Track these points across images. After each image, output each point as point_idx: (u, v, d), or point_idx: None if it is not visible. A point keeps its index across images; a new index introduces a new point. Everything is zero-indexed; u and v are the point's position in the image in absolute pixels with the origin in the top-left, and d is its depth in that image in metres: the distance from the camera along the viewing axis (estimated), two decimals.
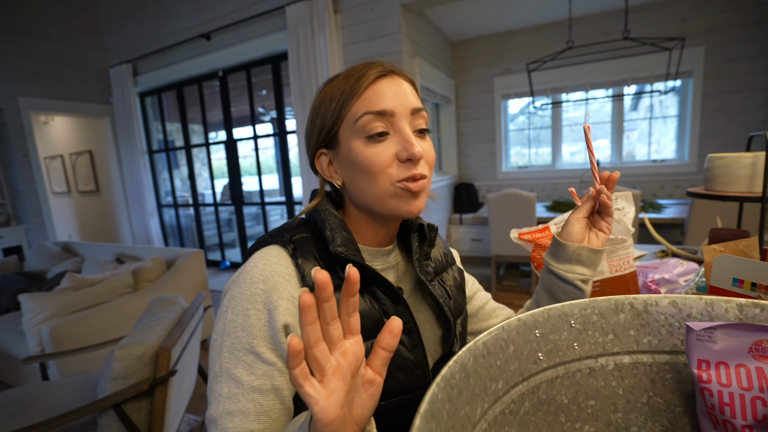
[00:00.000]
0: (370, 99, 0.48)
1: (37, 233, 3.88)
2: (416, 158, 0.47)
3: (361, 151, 0.48)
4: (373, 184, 0.49)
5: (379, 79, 0.49)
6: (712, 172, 0.84)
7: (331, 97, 0.50)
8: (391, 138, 0.48)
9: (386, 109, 0.47)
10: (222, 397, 0.43)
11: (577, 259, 0.56)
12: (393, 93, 0.48)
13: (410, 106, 0.49)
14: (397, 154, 0.48)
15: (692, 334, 0.35)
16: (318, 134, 0.52)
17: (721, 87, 3.08)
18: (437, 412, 0.25)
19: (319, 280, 0.28)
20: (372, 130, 0.47)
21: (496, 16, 3.41)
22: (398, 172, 0.48)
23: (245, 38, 3.26)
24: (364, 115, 0.47)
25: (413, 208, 0.50)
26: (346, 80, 0.49)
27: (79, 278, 2.10)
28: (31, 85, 3.74)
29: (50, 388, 1.37)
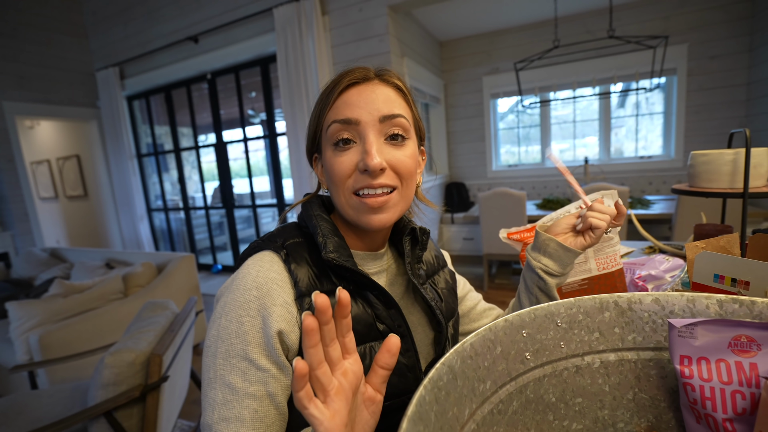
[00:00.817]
0: (338, 108, 0.48)
1: (24, 239, 3.81)
2: (371, 168, 0.46)
3: (329, 159, 0.49)
4: (336, 193, 0.50)
5: (351, 87, 0.49)
6: (695, 168, 0.85)
7: (315, 105, 0.52)
8: (356, 147, 0.49)
9: (350, 117, 0.47)
10: (217, 404, 0.43)
11: (544, 250, 0.58)
12: (363, 101, 0.48)
13: (379, 114, 0.48)
14: (357, 164, 0.48)
15: (674, 331, 0.36)
16: (310, 140, 0.54)
17: (704, 83, 3.14)
18: (425, 414, 0.25)
19: (319, 305, 0.28)
20: (337, 137, 0.48)
21: (483, 16, 3.43)
22: (356, 182, 0.48)
23: (233, 40, 3.24)
24: (332, 123, 0.48)
25: (373, 222, 0.49)
26: (324, 90, 0.51)
27: (67, 284, 2.07)
28: (15, 89, 3.66)
29: (39, 397, 1.34)
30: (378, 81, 0.50)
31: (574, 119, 3.84)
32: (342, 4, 2.67)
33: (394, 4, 2.52)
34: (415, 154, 0.51)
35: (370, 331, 0.49)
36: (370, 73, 0.50)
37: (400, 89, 0.52)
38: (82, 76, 4.18)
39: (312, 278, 0.49)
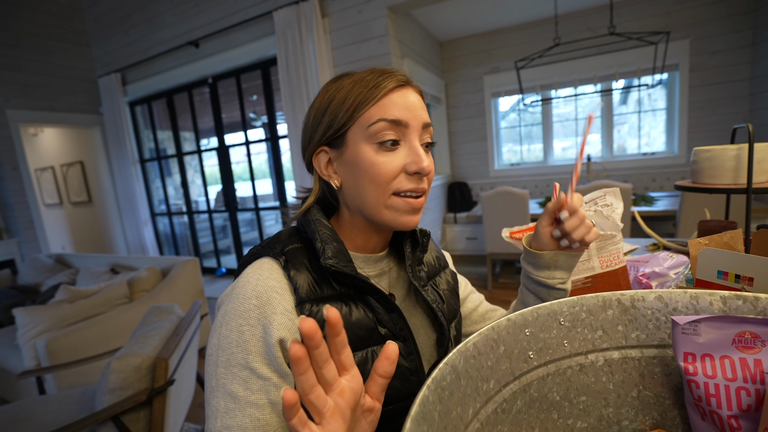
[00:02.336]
0: (386, 106, 0.48)
1: (29, 246, 3.84)
2: (425, 172, 0.48)
3: (370, 157, 0.48)
4: (375, 192, 0.49)
5: (396, 89, 0.49)
6: (699, 165, 0.85)
7: (345, 96, 0.49)
8: (401, 149, 0.49)
9: (401, 119, 0.48)
10: (219, 413, 0.43)
11: (555, 265, 0.56)
12: (410, 105, 0.49)
13: (422, 120, 0.50)
14: (405, 167, 0.48)
15: (678, 328, 0.36)
16: (324, 131, 0.51)
17: (706, 79, 3.13)
18: (428, 414, 0.26)
19: (305, 331, 0.28)
20: (384, 137, 0.48)
21: (482, 15, 3.43)
22: (403, 184, 0.49)
23: (234, 44, 3.25)
24: (378, 121, 0.47)
25: (410, 223, 0.51)
26: (362, 83, 0.49)
27: (73, 290, 2.08)
28: (18, 97, 3.70)
29: (47, 402, 1.35)
30: (411, 87, 0.51)
31: (576, 117, 3.83)
32: (341, 6, 2.68)
33: (393, 5, 2.53)
34: None
35: (372, 335, 0.49)
36: (407, 78, 0.51)
37: (423, 96, 0.53)
38: (85, 83, 4.21)
39: (312, 284, 0.49)
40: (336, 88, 0.50)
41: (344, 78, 0.51)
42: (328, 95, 0.51)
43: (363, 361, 0.48)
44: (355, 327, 0.48)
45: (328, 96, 0.50)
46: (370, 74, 0.49)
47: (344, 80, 0.50)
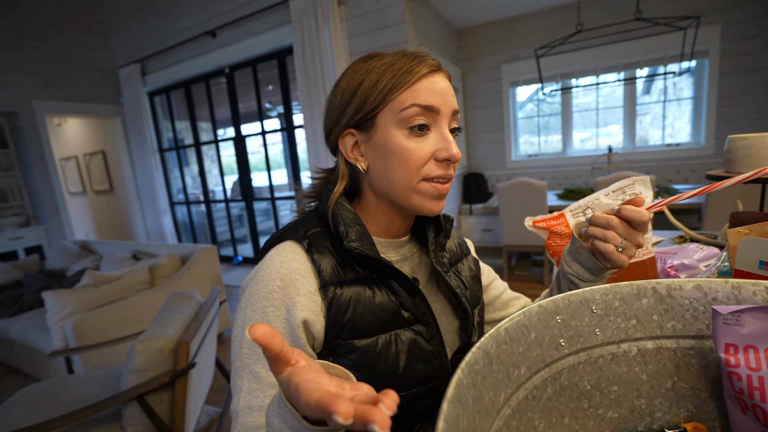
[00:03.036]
0: (420, 91, 0.47)
1: (55, 233, 3.98)
2: (455, 159, 0.48)
3: (401, 142, 0.48)
4: (405, 177, 0.48)
5: (428, 74, 0.48)
6: (733, 153, 0.81)
7: (377, 79, 0.48)
8: (431, 135, 0.49)
9: (434, 105, 0.47)
10: (243, 392, 0.45)
11: (576, 257, 0.54)
12: (440, 90, 0.48)
13: (453, 107, 0.49)
14: (435, 153, 0.48)
15: (719, 318, 0.34)
16: (353, 113, 0.49)
17: (738, 66, 2.99)
18: (463, 397, 0.25)
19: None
20: (416, 122, 0.47)
21: (501, 2, 3.34)
22: (432, 170, 0.49)
23: (250, 34, 3.26)
24: (411, 106, 0.47)
25: (435, 208, 0.51)
26: (395, 67, 0.47)
27: (98, 275, 2.15)
28: (44, 88, 3.80)
29: (75, 381, 1.41)
30: (441, 72, 0.50)
31: (596, 107, 3.72)
32: None
33: None
34: None
35: (395, 318, 0.49)
36: (438, 63, 0.50)
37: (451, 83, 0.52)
38: (106, 74, 4.29)
39: (335, 267, 0.49)
40: (366, 69, 0.49)
41: (374, 60, 0.49)
42: (357, 77, 0.49)
43: (387, 343, 0.48)
44: (378, 310, 0.48)
45: (358, 78, 0.49)
46: (402, 57, 0.48)
47: (374, 62, 0.49)
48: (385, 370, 0.47)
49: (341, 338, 0.47)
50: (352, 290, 0.48)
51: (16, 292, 2.46)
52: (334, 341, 0.47)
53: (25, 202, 3.99)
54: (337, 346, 0.48)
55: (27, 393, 1.35)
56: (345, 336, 0.47)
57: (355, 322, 0.47)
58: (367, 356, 0.47)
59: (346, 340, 0.47)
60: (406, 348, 0.49)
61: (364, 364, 0.47)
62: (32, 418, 1.20)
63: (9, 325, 2.22)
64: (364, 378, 0.47)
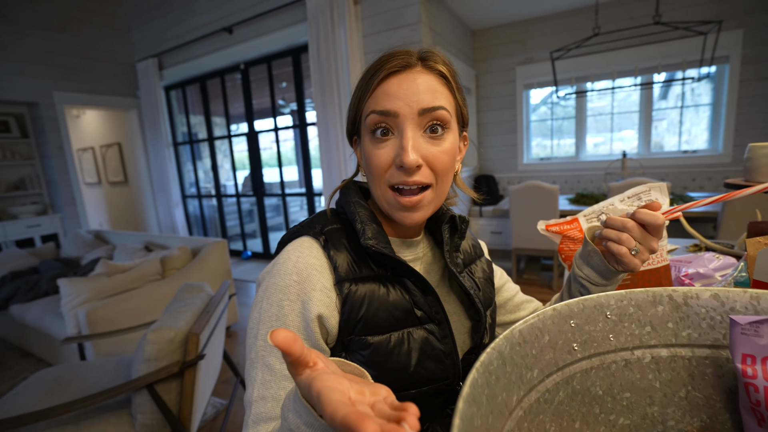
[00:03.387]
0: (378, 97, 0.47)
1: (71, 222, 4.06)
2: (406, 165, 0.45)
3: (367, 149, 0.49)
4: (373, 184, 0.50)
5: (391, 75, 0.47)
6: (754, 162, 0.80)
7: (355, 89, 0.51)
8: (393, 140, 0.47)
9: (389, 109, 0.46)
10: (257, 383, 0.45)
11: (587, 261, 0.54)
12: (402, 92, 0.46)
13: (418, 106, 0.46)
14: (394, 158, 0.47)
15: (737, 328, 0.34)
16: (350, 123, 0.54)
17: (760, 72, 2.92)
18: (477, 396, 0.25)
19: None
20: (374, 128, 0.48)
21: (518, 3, 3.31)
22: (392, 177, 0.47)
23: (266, 31, 3.28)
24: (370, 113, 0.47)
25: (406, 220, 0.49)
26: (365, 75, 0.49)
27: (112, 265, 2.20)
28: (64, 80, 3.88)
29: (88, 368, 1.44)
30: (421, 67, 0.48)
31: (611, 111, 3.67)
32: None
33: None
34: (453, 148, 0.49)
35: (408, 317, 0.49)
36: (413, 59, 0.48)
37: (444, 76, 0.49)
38: (124, 67, 4.37)
39: (351, 264, 0.49)
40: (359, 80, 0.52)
41: None
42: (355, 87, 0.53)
43: (399, 341, 0.48)
44: (392, 308, 0.49)
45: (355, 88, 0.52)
46: (375, 62, 0.49)
47: None
48: (397, 367, 0.47)
49: (355, 334, 0.48)
50: (367, 287, 0.49)
51: (32, 278, 2.52)
52: (347, 337, 0.48)
53: (42, 190, 4.08)
54: (351, 342, 0.48)
55: (40, 377, 1.39)
56: (358, 332, 0.48)
57: (368, 319, 0.47)
58: (379, 353, 0.47)
59: (360, 336, 0.48)
60: (418, 346, 0.49)
61: (377, 361, 0.47)
62: (45, 401, 1.24)
63: (25, 310, 2.27)
64: (376, 374, 0.47)
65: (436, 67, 0.49)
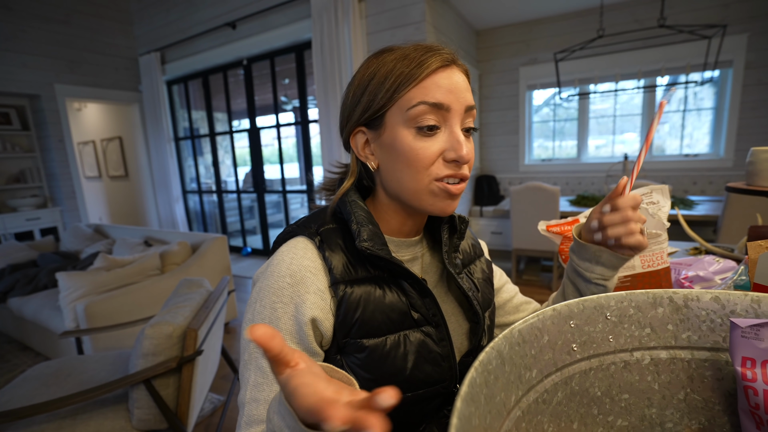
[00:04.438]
0: (428, 88, 0.45)
1: (71, 215, 4.06)
2: (464, 161, 0.46)
3: (408, 142, 0.46)
4: (413, 177, 0.47)
5: (441, 69, 0.46)
6: (756, 166, 0.80)
7: (386, 75, 0.46)
8: (441, 134, 0.46)
9: (443, 102, 0.45)
10: (250, 385, 0.45)
11: (597, 260, 0.54)
12: (452, 86, 0.46)
13: (466, 103, 0.47)
14: (443, 152, 0.46)
15: (737, 331, 0.34)
16: (362, 111, 0.49)
17: (763, 77, 2.91)
18: (476, 396, 0.25)
19: None
20: (424, 121, 0.45)
21: (523, 4, 3.30)
22: (441, 170, 0.47)
23: (270, 27, 3.27)
24: (419, 104, 0.45)
25: (448, 209, 0.49)
26: (405, 62, 0.46)
27: (111, 259, 2.19)
28: (66, 72, 3.87)
29: (86, 362, 1.44)
30: (456, 66, 0.48)
31: (614, 114, 3.66)
32: None
33: None
34: None
35: (405, 319, 0.49)
36: (453, 56, 0.48)
37: (468, 75, 0.50)
38: (127, 61, 4.36)
39: (347, 265, 0.49)
40: (377, 64, 0.48)
41: (386, 54, 0.48)
42: (369, 72, 0.48)
43: (395, 344, 0.48)
44: (388, 310, 0.48)
45: (369, 73, 0.48)
46: (414, 51, 0.46)
47: (386, 56, 0.47)
48: (393, 370, 0.47)
49: (350, 337, 0.47)
50: (363, 289, 0.48)
51: (31, 271, 2.52)
52: (342, 340, 0.47)
53: (43, 183, 4.08)
54: (346, 345, 0.47)
55: (38, 370, 1.39)
56: (354, 335, 0.47)
57: (364, 322, 0.47)
58: (375, 356, 0.47)
59: (355, 339, 0.47)
60: (415, 349, 0.48)
61: (372, 364, 0.47)
62: (42, 395, 1.24)
63: (23, 304, 2.27)
64: (372, 377, 0.47)
65: (464, 66, 0.50)
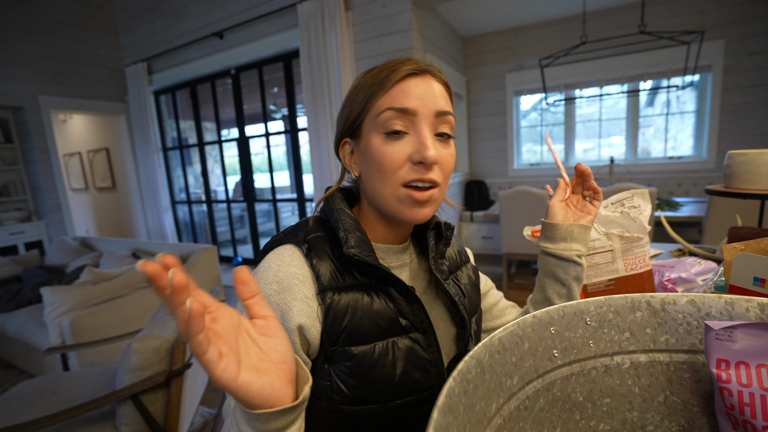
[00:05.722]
0: (395, 95, 0.47)
1: (56, 228, 3.99)
2: (428, 161, 0.46)
3: (377, 147, 0.48)
4: (383, 182, 0.48)
5: (410, 76, 0.48)
6: (733, 169, 0.82)
7: (362, 87, 0.50)
8: (408, 138, 0.48)
9: (409, 107, 0.47)
10: None
11: (571, 237, 0.59)
12: (420, 92, 0.47)
13: (435, 108, 0.48)
14: (410, 156, 0.47)
15: (711, 333, 0.34)
16: (344, 122, 0.52)
17: (741, 81, 3.00)
18: (454, 405, 0.25)
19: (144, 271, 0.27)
20: (391, 126, 0.47)
21: (508, 11, 3.37)
22: (408, 174, 0.47)
23: (257, 36, 3.28)
24: (387, 110, 0.47)
25: (416, 216, 0.49)
26: (378, 73, 0.49)
27: (97, 272, 2.16)
28: (50, 84, 3.83)
29: (71, 378, 1.41)
30: (430, 75, 0.49)
31: (599, 118, 3.73)
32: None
33: None
34: (455, 154, 0.51)
35: (393, 326, 0.49)
36: (424, 66, 0.50)
37: (447, 87, 0.52)
38: (113, 72, 4.32)
39: (334, 273, 0.49)
40: (359, 79, 0.51)
41: (369, 72, 0.52)
42: (352, 87, 0.52)
43: (383, 351, 0.48)
44: (376, 317, 0.48)
45: (352, 88, 0.52)
46: (388, 63, 0.50)
47: (369, 72, 0.51)
48: (382, 377, 0.47)
49: (338, 345, 0.47)
50: (350, 296, 0.48)
51: (14, 286, 2.47)
52: (330, 348, 0.47)
53: (27, 197, 4.00)
54: (334, 353, 0.47)
55: (22, 389, 1.35)
56: (342, 343, 0.47)
57: (352, 329, 0.47)
58: (363, 363, 0.47)
59: (343, 346, 0.47)
60: (403, 356, 0.48)
61: (361, 372, 0.46)
62: (26, 414, 1.20)
63: (6, 320, 2.22)
64: (360, 385, 0.46)
65: (442, 77, 0.51)
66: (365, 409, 0.47)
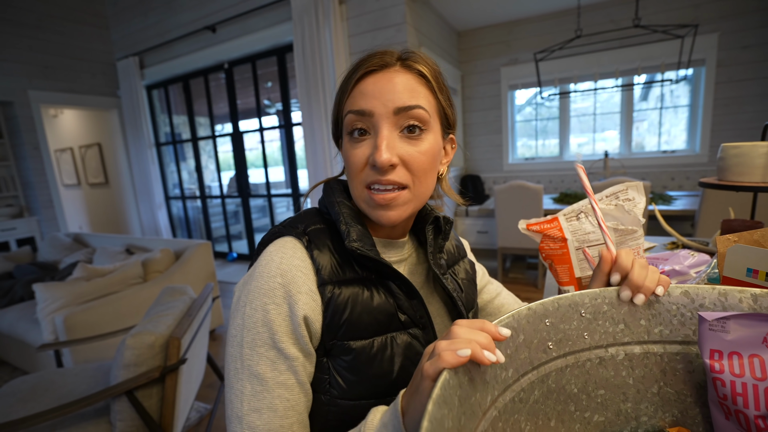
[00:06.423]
0: (355, 97, 0.47)
1: (48, 225, 3.94)
2: (378, 164, 0.44)
3: (346, 149, 0.49)
4: (352, 184, 0.49)
5: (367, 75, 0.47)
6: (726, 161, 0.82)
7: (338, 89, 0.51)
8: (369, 139, 0.47)
9: (364, 108, 0.46)
10: (245, 395, 0.42)
11: None
12: (378, 91, 0.45)
13: (394, 105, 0.45)
14: (368, 158, 0.46)
15: (705, 324, 0.34)
16: (333, 124, 0.54)
17: (734, 75, 3.01)
18: (449, 398, 0.25)
19: None
20: (351, 128, 0.48)
21: (502, 5, 3.35)
22: (368, 176, 0.47)
23: (250, 30, 3.24)
24: (347, 113, 0.48)
25: (383, 218, 0.48)
26: (345, 74, 0.50)
27: (90, 268, 2.14)
28: (40, 78, 3.76)
29: (65, 375, 1.40)
30: (399, 67, 0.47)
31: (594, 112, 3.74)
32: None
33: None
34: (432, 149, 0.48)
35: (392, 321, 0.48)
36: (392, 58, 0.47)
37: (423, 75, 0.48)
38: (104, 66, 4.26)
39: (335, 266, 0.48)
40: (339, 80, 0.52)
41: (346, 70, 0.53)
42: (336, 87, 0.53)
43: (382, 346, 0.47)
44: (376, 312, 0.48)
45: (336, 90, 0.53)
46: (354, 63, 0.50)
47: None
48: (380, 373, 0.47)
49: (337, 339, 0.46)
50: (351, 290, 0.47)
51: (6, 283, 2.44)
52: (330, 341, 0.47)
53: (18, 193, 3.95)
54: (333, 347, 0.47)
55: (15, 386, 1.34)
56: (341, 337, 0.46)
57: (352, 323, 0.46)
58: (362, 358, 0.46)
59: (342, 341, 0.46)
60: (402, 351, 0.48)
61: (359, 366, 0.46)
62: (20, 411, 1.19)
63: None
64: (357, 380, 0.46)
65: (416, 66, 0.48)
66: (362, 404, 0.47)
